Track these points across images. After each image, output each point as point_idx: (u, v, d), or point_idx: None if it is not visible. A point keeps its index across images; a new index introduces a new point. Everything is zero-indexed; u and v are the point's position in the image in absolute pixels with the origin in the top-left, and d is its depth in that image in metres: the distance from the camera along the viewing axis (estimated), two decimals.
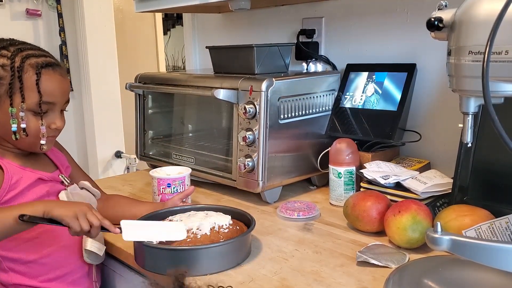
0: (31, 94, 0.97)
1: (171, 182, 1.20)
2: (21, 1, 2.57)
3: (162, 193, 1.20)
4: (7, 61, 0.97)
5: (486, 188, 1.06)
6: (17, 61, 0.97)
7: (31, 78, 0.97)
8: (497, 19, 0.62)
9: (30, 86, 0.97)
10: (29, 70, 0.97)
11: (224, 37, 1.91)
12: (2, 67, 0.97)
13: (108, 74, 2.76)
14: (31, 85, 0.97)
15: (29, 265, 1.02)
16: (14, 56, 0.97)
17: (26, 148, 1.03)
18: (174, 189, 1.20)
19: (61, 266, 1.05)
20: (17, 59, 0.97)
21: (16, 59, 0.97)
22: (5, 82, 0.96)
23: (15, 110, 0.97)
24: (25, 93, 0.97)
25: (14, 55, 0.98)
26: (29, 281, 1.02)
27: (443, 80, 1.28)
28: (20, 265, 1.01)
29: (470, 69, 0.74)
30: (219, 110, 1.49)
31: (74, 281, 1.07)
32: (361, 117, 1.35)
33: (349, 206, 1.10)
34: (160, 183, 1.20)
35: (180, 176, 1.21)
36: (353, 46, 1.49)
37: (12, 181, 0.98)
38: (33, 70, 0.97)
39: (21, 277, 1.02)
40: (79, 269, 1.07)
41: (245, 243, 0.98)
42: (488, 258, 0.68)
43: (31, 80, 0.97)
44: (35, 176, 1.02)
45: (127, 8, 3.45)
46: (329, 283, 0.87)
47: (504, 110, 0.77)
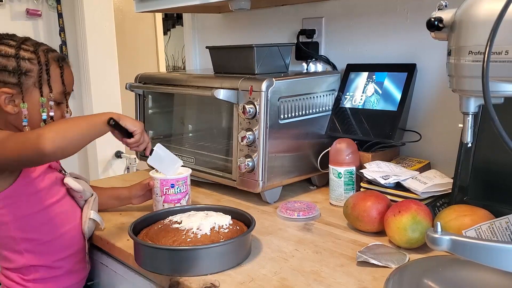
0: (57, 85, 1.08)
1: (175, 183, 1.19)
2: (21, 1, 2.57)
3: (166, 194, 1.19)
4: (32, 55, 1.06)
5: (486, 188, 1.06)
6: (41, 55, 1.06)
7: (55, 70, 1.08)
8: (497, 19, 0.62)
9: (55, 78, 1.08)
10: (53, 63, 1.08)
11: (224, 37, 1.91)
12: (29, 60, 1.05)
13: (108, 74, 2.76)
14: (57, 77, 1.08)
15: (46, 245, 1.08)
16: (36, 50, 1.06)
17: None
18: (178, 189, 1.19)
19: (70, 246, 1.11)
20: (41, 53, 1.07)
21: (40, 53, 1.07)
22: (33, 75, 1.05)
23: (45, 100, 1.06)
24: (52, 84, 1.07)
25: (36, 49, 1.07)
26: (44, 260, 1.08)
27: (443, 80, 1.28)
28: (36, 246, 1.07)
29: (470, 69, 0.74)
30: (219, 110, 1.49)
31: (79, 260, 1.14)
32: (361, 117, 1.35)
33: (349, 206, 1.10)
34: (164, 184, 1.18)
35: (182, 176, 1.21)
36: (353, 46, 1.49)
37: None
38: (56, 63, 1.09)
39: (37, 258, 1.07)
40: (82, 250, 1.14)
41: (245, 243, 0.98)
42: (488, 258, 0.68)
43: (56, 73, 1.08)
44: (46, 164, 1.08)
45: (127, 8, 3.45)
46: (329, 283, 0.87)
47: (504, 110, 0.77)
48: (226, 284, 0.87)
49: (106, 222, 1.19)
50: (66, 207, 1.11)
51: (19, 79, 1.03)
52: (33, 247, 1.06)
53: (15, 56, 1.03)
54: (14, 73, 1.03)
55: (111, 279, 1.17)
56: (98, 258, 1.20)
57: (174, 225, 0.99)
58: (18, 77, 1.03)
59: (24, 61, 1.04)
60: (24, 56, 1.04)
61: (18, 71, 1.03)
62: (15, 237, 1.05)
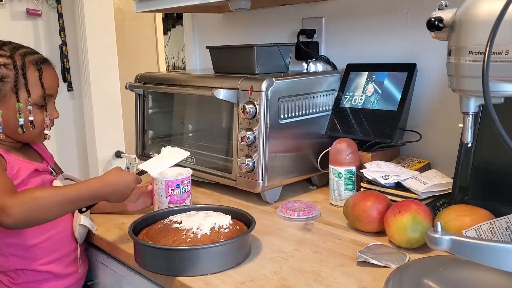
0: (36, 89, 1.05)
1: (180, 183, 1.19)
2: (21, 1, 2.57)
3: (171, 195, 1.17)
4: (7, 60, 1.03)
5: (486, 188, 1.06)
6: (17, 59, 1.04)
7: (33, 74, 1.05)
8: (497, 19, 0.62)
9: (34, 81, 1.05)
10: (30, 66, 1.05)
11: (224, 37, 1.91)
12: (5, 66, 1.03)
13: (108, 74, 2.75)
14: (35, 81, 1.05)
15: (30, 250, 1.06)
16: (12, 54, 1.04)
17: (30, 140, 1.11)
18: (183, 189, 1.19)
19: (58, 249, 1.10)
20: (17, 58, 1.04)
21: (16, 57, 1.04)
22: (9, 80, 1.03)
23: (22, 105, 1.04)
24: (30, 88, 1.04)
25: (12, 53, 1.04)
26: (29, 264, 1.06)
27: (443, 80, 1.28)
28: (21, 250, 1.05)
29: (470, 69, 0.74)
30: (219, 110, 1.49)
31: (69, 263, 1.12)
32: (361, 117, 1.35)
33: (349, 206, 1.10)
34: (169, 185, 1.17)
35: (186, 176, 1.21)
36: (353, 46, 1.49)
37: (14, 171, 1.03)
38: (34, 66, 1.06)
39: (22, 261, 1.06)
40: (72, 252, 1.12)
41: (245, 243, 0.98)
42: (488, 258, 0.68)
43: (34, 76, 1.05)
44: (33, 167, 1.07)
45: (127, 8, 3.45)
46: (329, 283, 0.87)
47: (504, 110, 0.77)
48: (226, 284, 0.87)
49: (106, 222, 1.19)
50: None
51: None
52: (17, 251, 1.05)
53: None
54: None
55: (111, 279, 1.17)
56: (98, 258, 1.20)
57: (174, 225, 0.99)
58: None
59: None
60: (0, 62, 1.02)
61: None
62: (1, 241, 1.04)
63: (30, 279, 1.07)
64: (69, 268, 1.12)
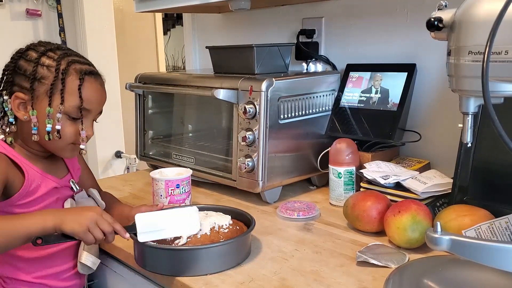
0: (71, 98, 0.99)
1: (180, 183, 1.19)
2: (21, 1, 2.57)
3: (171, 195, 1.17)
4: (52, 63, 0.99)
5: (486, 188, 1.06)
6: (62, 64, 0.99)
7: (73, 82, 0.99)
8: (497, 19, 0.62)
9: (71, 90, 0.99)
10: (72, 74, 1.00)
11: (224, 37, 1.91)
12: (47, 67, 0.99)
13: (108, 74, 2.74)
14: (73, 89, 0.99)
15: (28, 262, 1.03)
16: (60, 59, 1.00)
17: (54, 150, 1.04)
18: (183, 189, 1.19)
19: (57, 265, 1.06)
20: (63, 62, 0.99)
21: (62, 62, 1.00)
22: (47, 82, 0.98)
23: (52, 111, 0.98)
24: (66, 95, 0.98)
25: (61, 58, 1.00)
26: (24, 276, 1.03)
27: (443, 80, 1.28)
28: (19, 262, 1.03)
29: (470, 69, 0.74)
30: (219, 110, 1.49)
31: (66, 278, 1.09)
32: (361, 117, 1.35)
33: (349, 206, 1.10)
34: (169, 185, 1.17)
35: (186, 176, 1.21)
36: (353, 46, 1.49)
37: (31, 188, 0.99)
38: (77, 75, 1.00)
39: (17, 272, 1.03)
40: (72, 268, 1.09)
41: (245, 243, 0.98)
42: (488, 258, 0.68)
43: (74, 84, 0.99)
44: (52, 185, 1.03)
45: (127, 8, 3.45)
46: (329, 283, 0.87)
47: (504, 110, 0.77)
48: (226, 284, 0.88)
49: None
50: None
51: (32, 85, 0.98)
52: (15, 261, 1.02)
53: (34, 61, 0.99)
54: (29, 78, 0.98)
55: (111, 279, 1.17)
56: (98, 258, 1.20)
57: None
58: (31, 82, 0.98)
59: (42, 67, 0.98)
60: (44, 62, 0.99)
61: (33, 76, 0.98)
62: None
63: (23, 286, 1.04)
64: (65, 282, 1.08)
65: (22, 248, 1.00)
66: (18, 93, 0.99)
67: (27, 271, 1.03)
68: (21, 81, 0.99)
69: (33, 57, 1.00)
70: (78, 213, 0.91)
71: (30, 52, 1.01)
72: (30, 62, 0.99)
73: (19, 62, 1.00)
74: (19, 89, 0.99)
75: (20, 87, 0.99)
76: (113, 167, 2.86)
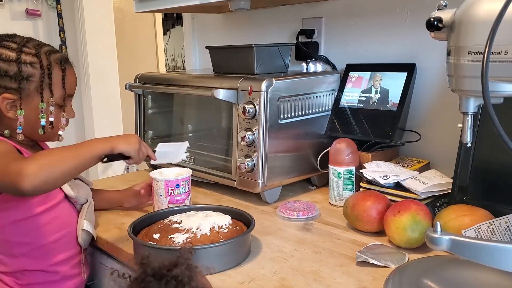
0: (57, 89, 1.04)
1: (180, 183, 1.19)
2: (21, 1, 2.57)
3: (171, 195, 1.17)
4: (33, 59, 1.01)
5: (486, 188, 1.06)
6: (43, 58, 1.02)
7: (57, 74, 1.04)
8: (497, 19, 0.62)
9: (57, 82, 1.04)
10: (55, 66, 1.03)
11: (224, 37, 1.91)
12: (31, 64, 1.01)
13: (108, 74, 2.75)
14: (58, 81, 1.04)
15: (40, 249, 1.05)
16: (37, 53, 1.02)
17: (45, 139, 1.11)
18: (182, 189, 1.19)
19: (66, 250, 1.09)
20: (43, 56, 1.02)
21: (42, 56, 1.02)
22: (34, 79, 1.01)
23: (45, 106, 1.02)
24: (54, 88, 1.03)
25: (38, 51, 1.02)
26: (38, 265, 1.05)
27: (443, 80, 1.28)
28: (31, 250, 1.04)
29: (469, 69, 0.74)
30: (219, 110, 1.49)
31: (74, 265, 1.11)
32: (361, 117, 1.35)
33: (349, 206, 1.10)
34: (169, 185, 1.17)
35: (185, 176, 1.21)
36: (353, 46, 1.49)
37: None
38: (58, 66, 1.04)
39: (31, 262, 1.05)
40: (78, 254, 1.12)
41: (245, 243, 0.98)
42: (487, 258, 0.68)
43: (58, 76, 1.04)
44: None
45: (127, 8, 3.45)
46: (328, 283, 0.87)
47: (503, 110, 0.77)
48: (226, 284, 0.88)
49: (106, 222, 1.19)
50: (64, 211, 1.08)
51: (19, 85, 0.99)
52: (28, 251, 1.04)
53: (16, 61, 0.99)
54: (15, 79, 0.99)
55: (111, 279, 1.17)
56: (98, 258, 1.20)
57: (174, 225, 0.99)
58: (19, 82, 0.99)
59: (25, 65, 1.00)
60: (26, 60, 1.00)
61: (20, 76, 0.99)
62: (10, 240, 1.03)
63: (37, 280, 1.06)
64: (73, 270, 1.11)
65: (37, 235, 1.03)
66: (4, 94, 1.00)
67: (42, 259, 1.05)
68: (5, 82, 1.00)
69: (10, 56, 1.00)
70: (128, 137, 1.02)
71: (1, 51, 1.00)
72: (11, 62, 0.99)
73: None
74: (4, 90, 1.00)
75: (5, 88, 1.00)
76: (113, 167, 2.85)
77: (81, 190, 1.13)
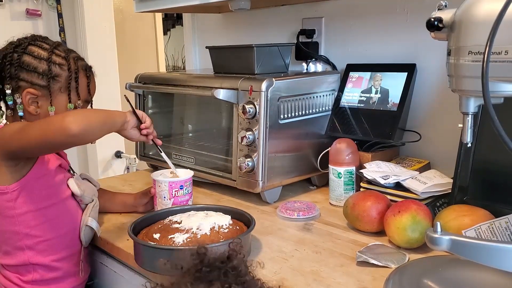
0: (83, 93, 1.12)
1: (184, 184, 1.19)
2: (21, 1, 2.57)
3: (175, 196, 1.17)
4: (62, 61, 1.09)
5: (486, 188, 1.06)
6: (72, 63, 1.10)
7: (83, 79, 1.12)
8: (497, 19, 0.62)
9: (83, 86, 1.12)
10: (81, 72, 1.12)
11: (224, 37, 1.91)
12: (59, 65, 1.08)
13: (108, 74, 2.75)
14: (84, 86, 1.13)
15: (46, 243, 1.07)
16: (67, 56, 1.10)
17: None
18: (186, 190, 1.19)
19: (70, 247, 1.11)
20: (71, 61, 1.11)
21: (70, 60, 1.09)
22: (61, 80, 1.08)
23: (72, 106, 1.10)
24: (80, 92, 1.11)
25: (67, 55, 1.10)
26: (43, 259, 1.07)
27: (443, 80, 1.28)
28: (38, 243, 1.07)
29: (469, 69, 0.74)
30: (219, 110, 1.49)
31: (76, 263, 1.13)
32: (361, 117, 1.35)
33: (349, 206, 1.10)
34: (173, 187, 1.17)
35: (189, 177, 1.21)
36: (353, 46, 1.49)
37: (45, 158, 1.06)
38: (84, 72, 1.13)
39: (36, 255, 1.07)
40: (80, 252, 1.13)
41: (244, 243, 0.98)
42: (488, 258, 0.68)
43: (83, 81, 1.12)
44: (58, 162, 1.10)
45: (127, 8, 3.45)
46: (328, 283, 0.87)
47: (504, 110, 0.77)
48: None
49: (106, 222, 1.19)
50: (71, 207, 1.11)
51: (47, 83, 1.06)
52: (34, 244, 1.06)
53: (47, 60, 1.06)
54: (44, 76, 1.06)
55: (111, 279, 1.17)
56: (98, 258, 1.20)
57: (174, 225, 0.99)
58: (48, 80, 1.06)
59: (55, 65, 1.07)
60: (56, 61, 1.07)
61: (48, 74, 1.06)
62: (18, 232, 1.05)
63: (40, 276, 1.08)
64: (74, 268, 1.13)
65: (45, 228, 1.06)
66: (29, 89, 1.05)
67: (47, 253, 1.08)
68: (32, 78, 1.06)
69: (42, 55, 1.07)
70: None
71: (34, 49, 1.08)
72: (41, 60, 1.07)
73: (24, 57, 1.06)
74: (30, 85, 1.06)
75: (31, 83, 1.06)
76: (113, 167, 2.86)
77: (88, 189, 1.14)
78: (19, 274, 1.08)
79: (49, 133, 0.95)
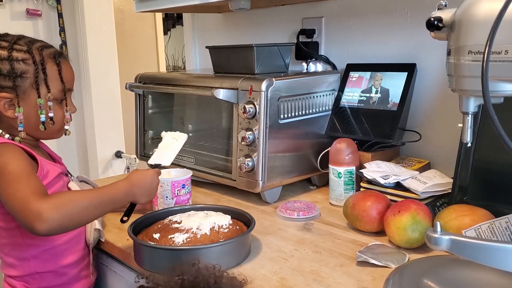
0: (55, 83, 1.04)
1: (185, 183, 1.19)
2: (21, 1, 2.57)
3: (177, 195, 1.17)
4: (25, 55, 1.01)
5: (486, 188, 1.06)
6: (36, 54, 1.01)
7: (52, 68, 1.03)
8: (497, 19, 0.62)
9: (53, 76, 1.03)
10: (49, 61, 1.03)
11: (224, 37, 1.91)
12: (23, 61, 1.00)
13: (108, 74, 2.75)
14: (55, 75, 1.04)
15: (51, 251, 1.05)
16: (30, 49, 1.01)
17: (49, 137, 1.09)
18: (187, 189, 1.19)
19: (76, 252, 1.09)
20: (35, 52, 1.02)
21: (34, 52, 1.02)
22: (29, 76, 1.01)
23: (43, 101, 1.02)
24: (50, 83, 1.03)
25: (30, 48, 1.02)
26: (49, 266, 1.05)
27: (443, 80, 1.28)
28: (43, 252, 1.04)
29: (469, 69, 0.74)
30: (219, 110, 1.49)
31: (83, 267, 1.11)
32: (361, 117, 1.35)
33: (349, 206, 1.10)
34: (175, 186, 1.17)
35: (188, 176, 1.21)
36: (353, 46, 1.49)
37: (43, 172, 1.02)
38: (52, 60, 1.04)
39: (42, 264, 1.04)
40: (86, 256, 1.12)
41: (245, 243, 0.98)
42: (488, 258, 0.68)
43: (53, 70, 1.03)
44: (58, 170, 1.06)
45: (127, 8, 3.45)
46: (328, 283, 0.87)
47: (504, 110, 0.77)
48: None
49: (106, 222, 1.19)
50: None
51: (14, 82, 0.99)
52: (39, 253, 1.04)
53: (8, 59, 0.99)
54: (9, 77, 0.99)
55: (111, 279, 1.17)
56: (98, 258, 1.20)
57: (174, 225, 0.99)
58: (13, 80, 0.99)
59: (18, 62, 0.99)
60: (18, 57, 1.00)
61: (13, 74, 0.99)
62: (22, 243, 1.02)
63: (48, 283, 1.06)
64: (82, 272, 1.11)
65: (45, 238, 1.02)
66: (1, 93, 0.99)
67: (54, 260, 1.05)
68: (0, 81, 0.99)
69: (2, 54, 1.00)
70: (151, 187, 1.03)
71: None
72: (3, 61, 0.99)
73: None
74: (1, 89, 1.00)
75: (1, 87, 1.00)
76: (113, 167, 2.85)
77: None
78: (26, 282, 1.05)
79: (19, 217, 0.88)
